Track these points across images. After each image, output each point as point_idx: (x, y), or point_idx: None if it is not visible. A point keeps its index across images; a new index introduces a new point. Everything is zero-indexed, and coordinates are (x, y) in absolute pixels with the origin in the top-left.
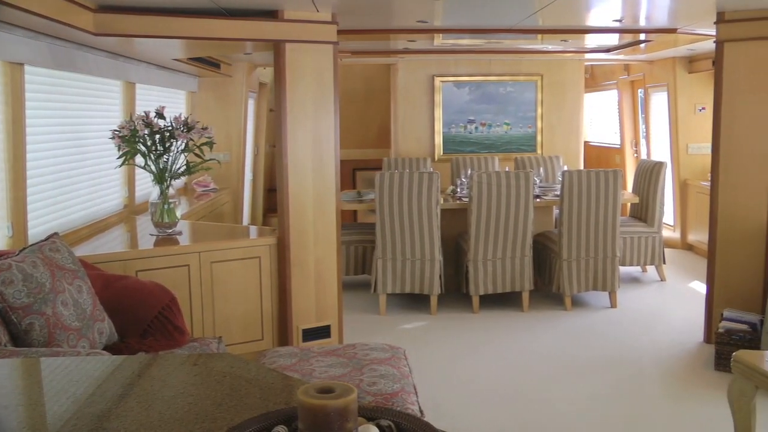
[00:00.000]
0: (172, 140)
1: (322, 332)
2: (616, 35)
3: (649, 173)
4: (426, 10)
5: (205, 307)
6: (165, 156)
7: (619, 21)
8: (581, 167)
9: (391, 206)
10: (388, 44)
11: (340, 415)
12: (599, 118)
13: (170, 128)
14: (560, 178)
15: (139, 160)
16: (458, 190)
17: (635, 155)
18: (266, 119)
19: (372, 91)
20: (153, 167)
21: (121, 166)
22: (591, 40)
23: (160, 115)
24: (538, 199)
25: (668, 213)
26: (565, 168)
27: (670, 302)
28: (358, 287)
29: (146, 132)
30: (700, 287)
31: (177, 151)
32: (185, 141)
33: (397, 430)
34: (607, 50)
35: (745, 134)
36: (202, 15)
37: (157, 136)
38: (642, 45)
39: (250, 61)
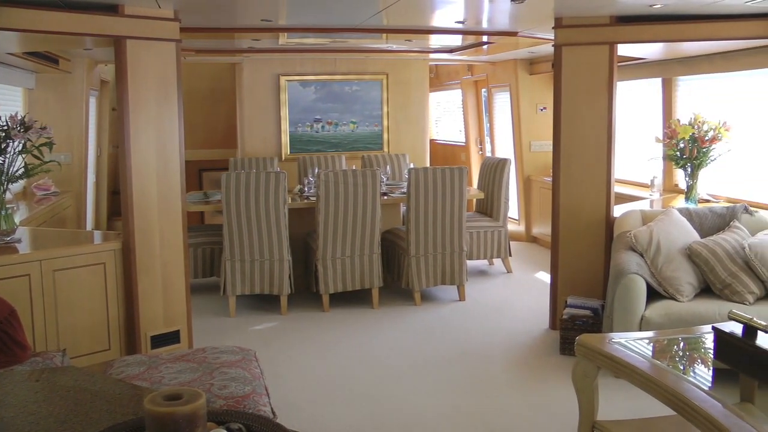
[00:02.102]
0: (8, 141)
1: (172, 338)
2: (460, 36)
3: (494, 170)
4: (270, 8)
5: (48, 319)
6: (0, 158)
7: (462, 23)
8: (427, 165)
9: (238, 207)
10: (232, 43)
11: (189, 421)
12: (444, 116)
13: (5, 128)
14: (407, 176)
15: None
16: (305, 189)
17: (480, 152)
18: (109, 119)
19: (217, 91)
20: None
21: None
22: (435, 41)
23: None
24: (385, 197)
25: (513, 207)
26: (412, 165)
27: (517, 293)
28: (207, 290)
29: None
30: (545, 277)
31: (14, 153)
32: (22, 141)
33: None
34: (451, 51)
35: (583, 132)
36: (38, 6)
37: None
38: (484, 46)
39: (90, 57)
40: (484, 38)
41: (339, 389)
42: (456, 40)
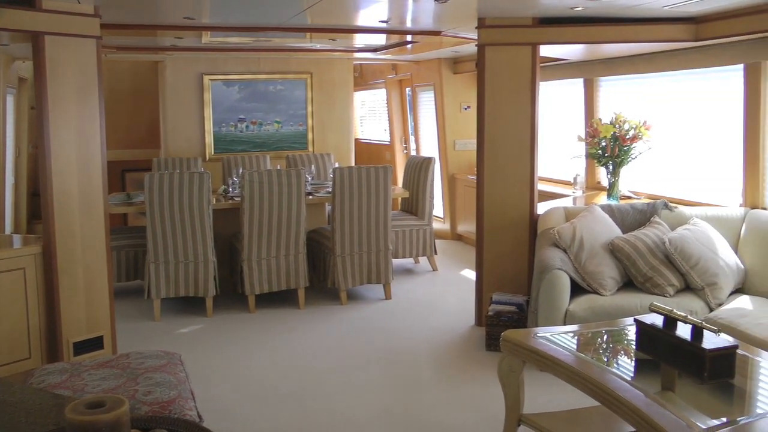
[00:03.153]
0: None
1: (95, 344)
2: (384, 36)
3: (419, 168)
4: (193, 6)
5: None
6: None
7: (386, 22)
8: (352, 164)
9: (161, 208)
10: (155, 41)
11: (112, 430)
12: (369, 116)
13: None
14: (332, 175)
15: None
16: (230, 189)
17: (405, 151)
18: (27, 118)
19: (140, 89)
20: None
21: None
22: (359, 40)
23: None
24: (310, 197)
25: (438, 206)
26: (336, 165)
27: (443, 290)
28: (131, 294)
29: None
30: (470, 274)
31: None
32: None
33: None
34: (375, 50)
35: (506, 131)
36: None
37: None
38: (408, 46)
39: (7, 53)
40: (408, 38)
41: (266, 391)
42: (380, 40)
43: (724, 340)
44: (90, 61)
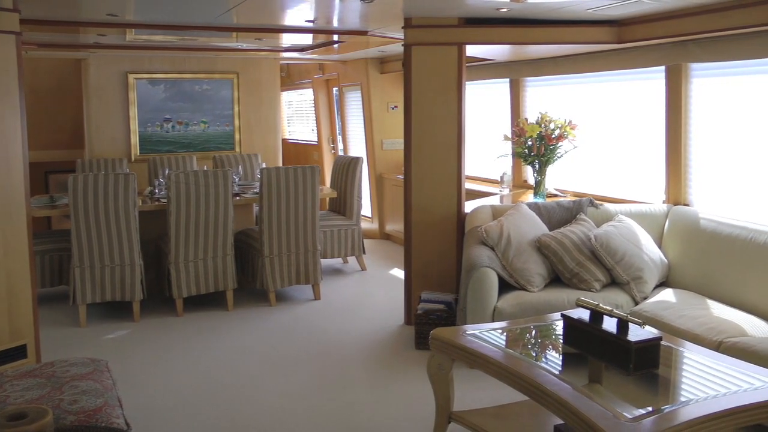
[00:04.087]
0: None
1: (18, 353)
2: (310, 35)
3: (346, 168)
4: (116, 2)
5: None
6: None
7: (313, 22)
8: (280, 164)
9: (86, 210)
10: (77, 38)
11: None
12: (296, 116)
13: None
14: (259, 176)
15: None
16: (156, 191)
17: (332, 151)
18: None
19: (63, 88)
20: None
21: None
22: (286, 40)
23: None
24: (237, 198)
25: (366, 205)
26: (264, 165)
27: (372, 290)
28: (56, 300)
29: None
30: (399, 273)
31: None
32: None
33: None
34: (302, 50)
35: (433, 130)
36: None
37: None
38: (335, 45)
39: None
40: (335, 37)
41: (196, 395)
42: (307, 39)
43: (649, 332)
44: (9, 58)
